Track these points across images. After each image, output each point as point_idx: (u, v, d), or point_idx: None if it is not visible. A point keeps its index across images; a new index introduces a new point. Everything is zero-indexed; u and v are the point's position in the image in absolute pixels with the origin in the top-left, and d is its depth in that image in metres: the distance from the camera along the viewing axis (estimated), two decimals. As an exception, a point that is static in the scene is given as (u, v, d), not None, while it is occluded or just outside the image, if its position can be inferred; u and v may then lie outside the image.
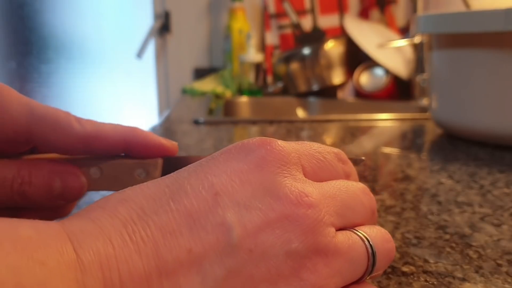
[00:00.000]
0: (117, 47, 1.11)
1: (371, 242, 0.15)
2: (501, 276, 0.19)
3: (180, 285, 0.12)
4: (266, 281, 0.12)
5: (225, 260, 0.12)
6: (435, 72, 0.47)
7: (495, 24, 0.37)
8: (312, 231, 0.13)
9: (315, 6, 0.99)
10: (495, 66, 0.40)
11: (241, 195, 0.13)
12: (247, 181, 0.13)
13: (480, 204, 0.28)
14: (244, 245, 0.12)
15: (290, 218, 0.13)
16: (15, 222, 0.11)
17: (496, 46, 0.39)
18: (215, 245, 0.12)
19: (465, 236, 0.23)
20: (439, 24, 0.43)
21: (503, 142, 0.42)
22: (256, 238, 0.12)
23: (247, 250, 0.12)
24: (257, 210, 0.13)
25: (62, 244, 0.11)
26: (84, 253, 0.11)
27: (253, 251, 0.12)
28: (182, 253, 0.12)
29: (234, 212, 0.13)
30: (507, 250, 0.21)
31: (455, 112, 0.44)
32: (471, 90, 0.42)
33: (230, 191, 0.13)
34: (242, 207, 0.13)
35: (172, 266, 0.12)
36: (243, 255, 0.12)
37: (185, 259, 0.12)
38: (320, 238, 0.13)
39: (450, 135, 0.48)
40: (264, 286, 0.12)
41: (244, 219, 0.12)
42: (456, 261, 0.20)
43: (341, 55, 0.85)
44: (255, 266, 0.12)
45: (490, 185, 0.32)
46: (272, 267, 0.12)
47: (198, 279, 0.12)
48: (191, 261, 0.12)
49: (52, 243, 0.11)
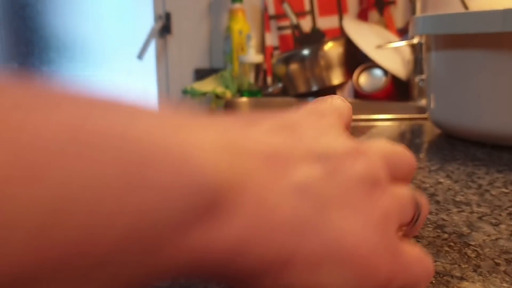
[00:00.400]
0: (118, 48, 1.11)
1: (416, 196, 0.16)
2: (499, 275, 0.19)
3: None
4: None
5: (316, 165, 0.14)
6: (433, 73, 0.47)
7: (493, 25, 0.37)
8: (378, 168, 0.15)
9: (314, 7, 1.00)
10: (493, 67, 0.40)
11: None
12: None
13: (478, 203, 0.28)
14: (332, 161, 0.14)
15: (364, 153, 0.15)
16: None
17: (494, 47, 0.39)
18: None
19: (463, 235, 0.23)
20: (437, 25, 0.43)
21: (501, 142, 0.42)
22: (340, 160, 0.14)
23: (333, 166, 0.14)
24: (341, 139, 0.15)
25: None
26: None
27: (336, 169, 0.14)
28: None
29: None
30: (505, 249, 0.22)
31: (453, 113, 0.45)
32: (469, 90, 0.42)
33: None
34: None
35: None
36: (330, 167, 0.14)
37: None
38: (382, 175, 0.15)
39: (448, 135, 0.48)
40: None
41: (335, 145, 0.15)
42: (454, 260, 0.20)
43: (340, 56, 0.85)
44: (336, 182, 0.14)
45: (488, 184, 0.32)
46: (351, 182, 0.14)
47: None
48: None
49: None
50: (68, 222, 0.09)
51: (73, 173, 0.09)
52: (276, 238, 0.12)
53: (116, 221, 0.10)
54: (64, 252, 0.09)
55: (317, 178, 0.13)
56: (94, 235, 0.09)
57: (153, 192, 0.10)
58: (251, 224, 0.12)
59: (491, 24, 0.38)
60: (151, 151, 0.10)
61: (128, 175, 0.10)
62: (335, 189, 0.14)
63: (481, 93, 0.41)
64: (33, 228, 0.09)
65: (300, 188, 0.13)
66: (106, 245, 0.10)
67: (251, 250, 0.12)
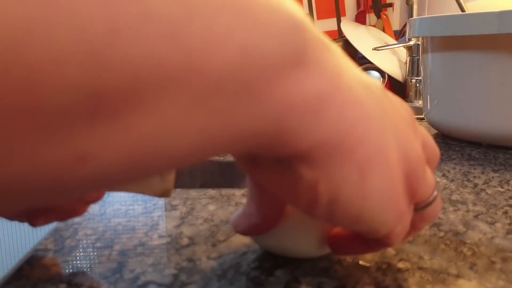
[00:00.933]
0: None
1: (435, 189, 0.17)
2: (495, 273, 0.19)
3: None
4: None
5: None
6: (429, 74, 0.47)
7: (488, 27, 0.38)
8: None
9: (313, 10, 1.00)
10: (489, 68, 0.40)
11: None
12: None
13: (474, 202, 0.28)
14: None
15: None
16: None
17: (490, 49, 0.40)
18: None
19: (459, 234, 0.23)
20: (433, 27, 0.44)
21: (497, 142, 0.42)
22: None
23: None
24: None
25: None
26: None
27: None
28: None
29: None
30: (500, 247, 0.22)
31: (449, 113, 0.45)
32: (465, 91, 0.43)
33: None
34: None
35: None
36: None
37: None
38: (419, 136, 0.16)
39: (444, 135, 0.48)
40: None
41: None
42: (451, 258, 0.21)
43: (338, 58, 0.86)
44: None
45: (484, 184, 0.32)
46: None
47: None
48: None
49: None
50: (193, 25, 0.09)
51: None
52: (351, 113, 0.13)
53: (227, 42, 0.10)
54: (188, 60, 0.09)
55: (377, 90, 0.14)
56: (211, 50, 0.09)
57: (258, 24, 0.10)
58: (331, 88, 0.12)
59: (486, 26, 0.38)
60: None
61: (238, 2, 0.10)
62: (389, 109, 0.14)
63: (477, 94, 0.42)
64: (167, 24, 0.09)
65: (367, 85, 0.14)
66: (219, 64, 0.09)
67: (328, 112, 0.12)
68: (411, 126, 0.15)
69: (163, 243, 0.22)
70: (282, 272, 0.19)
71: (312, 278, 0.19)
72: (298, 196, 0.14)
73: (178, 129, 0.10)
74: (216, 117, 0.10)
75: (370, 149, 0.13)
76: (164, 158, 0.10)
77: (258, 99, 0.11)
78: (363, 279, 0.19)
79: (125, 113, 0.09)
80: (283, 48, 0.11)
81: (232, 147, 0.12)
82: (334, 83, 0.12)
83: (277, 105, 0.11)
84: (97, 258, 0.21)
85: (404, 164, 0.14)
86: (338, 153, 0.13)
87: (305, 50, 0.12)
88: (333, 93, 0.12)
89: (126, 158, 0.09)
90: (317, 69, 0.12)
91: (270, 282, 0.19)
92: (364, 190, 0.13)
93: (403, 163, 0.14)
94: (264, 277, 0.19)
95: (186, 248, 0.22)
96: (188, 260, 0.21)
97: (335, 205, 0.14)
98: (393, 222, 0.15)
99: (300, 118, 0.12)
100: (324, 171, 0.13)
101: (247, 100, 0.11)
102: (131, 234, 0.24)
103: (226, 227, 0.24)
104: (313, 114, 0.12)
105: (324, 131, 0.12)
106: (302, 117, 0.12)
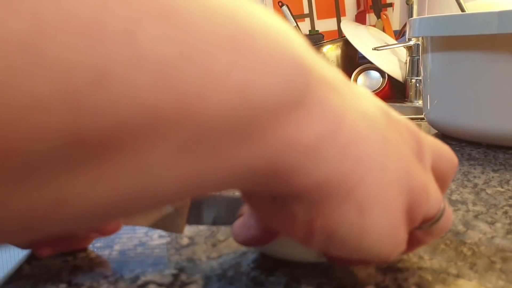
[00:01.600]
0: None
1: (444, 203, 0.16)
2: (495, 273, 0.19)
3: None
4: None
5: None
6: (429, 74, 0.47)
7: (488, 27, 0.38)
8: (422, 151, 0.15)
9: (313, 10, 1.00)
10: (489, 68, 0.40)
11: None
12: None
13: (474, 202, 0.28)
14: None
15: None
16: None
17: (490, 49, 0.40)
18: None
19: (459, 234, 0.23)
20: (433, 27, 0.44)
21: (497, 142, 0.42)
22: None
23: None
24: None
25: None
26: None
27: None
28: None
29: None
30: (500, 247, 0.22)
31: (449, 113, 0.45)
32: (465, 91, 0.43)
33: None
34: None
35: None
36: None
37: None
38: (426, 159, 0.15)
39: (444, 135, 0.48)
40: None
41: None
42: (451, 258, 0.21)
43: (338, 57, 0.86)
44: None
45: (484, 184, 0.32)
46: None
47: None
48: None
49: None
50: (186, 69, 0.09)
51: (196, 22, 0.09)
52: (352, 152, 0.12)
53: (224, 84, 0.09)
54: (179, 105, 0.09)
55: (381, 122, 0.14)
56: (205, 93, 0.09)
57: (258, 64, 0.10)
58: (333, 128, 0.12)
59: (486, 26, 0.38)
60: (260, 25, 0.10)
61: (238, 40, 0.09)
62: (393, 140, 0.14)
63: (477, 94, 0.42)
64: (158, 69, 0.08)
65: (370, 120, 0.13)
66: (213, 108, 0.09)
67: (328, 154, 0.12)
68: (416, 151, 0.15)
69: (163, 243, 0.22)
70: (282, 272, 0.19)
71: (312, 278, 0.19)
72: (293, 230, 0.13)
73: (166, 172, 0.09)
74: (209, 159, 0.10)
75: (370, 187, 0.13)
76: (151, 198, 0.10)
77: (255, 141, 0.10)
78: (363, 279, 0.19)
79: (107, 158, 0.08)
80: (284, 90, 0.10)
81: (226, 185, 0.11)
82: (336, 124, 0.12)
83: (274, 147, 0.11)
84: (97, 258, 0.21)
85: (406, 195, 0.14)
86: (337, 194, 0.12)
87: (307, 91, 0.11)
88: (333, 135, 0.12)
89: (108, 200, 0.09)
90: (318, 111, 0.12)
91: (270, 282, 0.19)
92: (362, 226, 0.13)
93: (405, 195, 0.14)
94: (264, 277, 0.19)
95: (186, 248, 0.22)
96: (188, 260, 0.21)
97: (332, 240, 0.13)
98: (391, 250, 0.15)
99: (298, 159, 0.11)
100: (321, 210, 0.13)
101: (243, 142, 0.10)
102: (131, 234, 0.24)
103: (226, 227, 0.24)
104: (312, 156, 0.11)
105: (322, 173, 0.12)
106: (300, 158, 0.11)
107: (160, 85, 0.08)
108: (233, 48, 0.09)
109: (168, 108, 0.09)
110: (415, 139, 0.15)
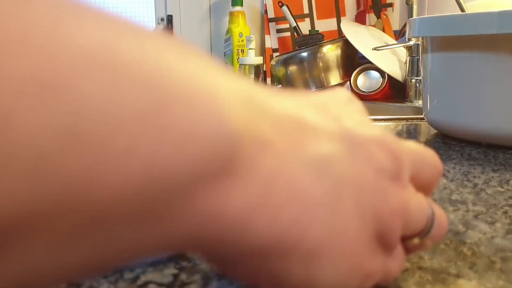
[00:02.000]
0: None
1: (433, 209, 0.16)
2: (495, 273, 0.19)
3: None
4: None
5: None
6: (429, 74, 0.47)
7: (487, 27, 0.38)
8: (400, 166, 0.14)
9: (313, 10, 1.00)
10: (488, 68, 0.40)
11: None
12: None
13: (474, 202, 0.28)
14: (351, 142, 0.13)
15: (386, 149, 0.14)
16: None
17: (489, 49, 0.40)
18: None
19: (459, 234, 0.23)
20: (432, 27, 0.44)
21: (496, 142, 0.42)
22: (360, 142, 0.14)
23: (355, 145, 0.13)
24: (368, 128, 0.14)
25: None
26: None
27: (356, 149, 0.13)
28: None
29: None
30: (500, 247, 0.22)
31: (449, 113, 0.45)
32: (464, 91, 0.43)
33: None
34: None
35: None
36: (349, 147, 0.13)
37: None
38: (403, 173, 0.14)
39: (444, 135, 0.48)
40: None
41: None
42: (451, 258, 0.21)
43: (338, 57, 0.86)
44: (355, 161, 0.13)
45: (484, 183, 0.32)
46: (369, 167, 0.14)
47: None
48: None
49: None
50: (72, 156, 0.08)
51: (90, 99, 0.08)
52: (286, 213, 0.11)
53: (126, 164, 0.08)
54: (63, 196, 0.08)
55: (337, 157, 0.13)
56: (99, 178, 0.08)
57: (171, 135, 0.09)
58: (264, 192, 0.11)
59: (486, 26, 0.38)
60: (176, 90, 0.09)
61: (147, 111, 0.08)
62: (353, 174, 0.13)
63: (477, 93, 0.42)
64: (34, 159, 0.07)
65: (319, 164, 0.12)
66: (110, 193, 0.08)
67: (258, 222, 0.11)
68: (390, 170, 0.14)
69: (163, 243, 0.22)
70: (282, 272, 0.19)
71: (312, 278, 0.19)
72: (242, 279, 0.13)
73: (55, 261, 0.09)
74: (110, 242, 0.09)
75: (316, 237, 0.12)
76: (48, 280, 0.09)
77: (168, 218, 0.10)
78: (363, 279, 0.19)
79: None
80: (202, 160, 0.09)
81: (152, 253, 0.11)
82: (266, 188, 0.11)
83: (193, 221, 0.10)
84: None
85: (374, 224, 0.13)
86: (275, 254, 0.12)
87: (234, 157, 0.10)
88: (263, 200, 0.11)
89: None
90: (247, 176, 0.11)
91: (270, 282, 0.19)
92: (311, 277, 0.12)
93: (371, 225, 0.13)
94: (264, 277, 0.19)
95: (186, 248, 0.22)
96: (188, 260, 0.21)
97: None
98: (357, 285, 0.14)
99: (222, 232, 0.11)
100: (262, 267, 0.12)
101: (152, 221, 0.09)
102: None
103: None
104: (238, 227, 0.11)
105: (255, 238, 0.11)
106: (225, 230, 0.11)
107: (36, 176, 0.07)
108: (139, 121, 0.08)
109: (45, 201, 0.08)
110: (391, 156, 0.14)
